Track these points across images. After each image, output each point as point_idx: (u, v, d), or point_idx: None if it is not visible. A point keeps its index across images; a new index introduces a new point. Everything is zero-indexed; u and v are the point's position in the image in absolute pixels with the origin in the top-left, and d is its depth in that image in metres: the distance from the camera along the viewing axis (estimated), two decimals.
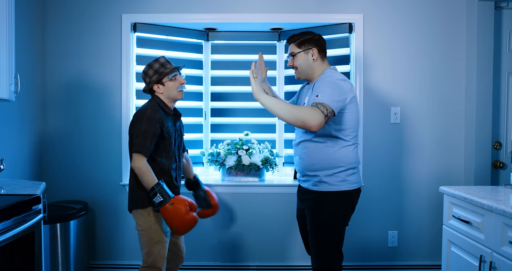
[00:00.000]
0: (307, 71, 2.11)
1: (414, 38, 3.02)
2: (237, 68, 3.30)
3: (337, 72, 2.08)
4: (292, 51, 2.12)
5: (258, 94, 1.92)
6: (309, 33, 2.12)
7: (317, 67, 2.10)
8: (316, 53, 2.08)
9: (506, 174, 2.89)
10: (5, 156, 2.45)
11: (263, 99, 1.92)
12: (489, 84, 2.88)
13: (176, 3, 3.02)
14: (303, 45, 2.09)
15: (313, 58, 2.08)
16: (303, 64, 2.10)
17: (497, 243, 1.70)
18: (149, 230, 2.11)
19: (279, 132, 3.31)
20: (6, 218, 1.66)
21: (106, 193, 3.03)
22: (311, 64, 2.09)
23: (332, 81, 1.96)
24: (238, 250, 3.09)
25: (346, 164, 1.99)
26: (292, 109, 1.86)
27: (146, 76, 2.20)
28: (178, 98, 2.21)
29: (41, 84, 3.01)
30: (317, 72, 2.10)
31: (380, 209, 3.05)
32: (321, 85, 1.95)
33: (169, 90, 2.18)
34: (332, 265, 2.01)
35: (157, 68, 2.18)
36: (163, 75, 2.16)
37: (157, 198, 2.00)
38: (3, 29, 2.03)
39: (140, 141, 2.03)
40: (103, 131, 3.03)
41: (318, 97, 1.88)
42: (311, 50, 2.08)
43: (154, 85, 2.18)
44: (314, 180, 2.02)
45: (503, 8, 2.89)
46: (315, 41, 2.10)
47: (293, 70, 2.18)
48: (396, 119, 3.03)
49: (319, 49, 2.10)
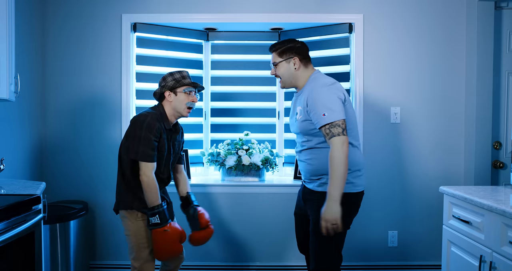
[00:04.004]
0: (290, 80, 2.09)
1: (414, 38, 3.02)
2: (237, 68, 3.30)
3: (323, 75, 2.06)
4: (274, 60, 2.09)
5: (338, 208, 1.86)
6: (290, 41, 2.09)
7: (300, 75, 2.07)
8: (298, 62, 2.05)
9: (506, 174, 2.89)
10: (5, 156, 2.45)
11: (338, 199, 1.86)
12: (489, 84, 2.88)
13: (176, 3, 3.02)
14: (285, 54, 2.06)
15: (295, 67, 2.05)
16: (285, 73, 2.07)
17: (497, 243, 1.70)
18: (137, 235, 2.07)
19: (279, 133, 3.31)
20: (6, 218, 1.66)
21: (106, 193, 3.03)
22: (293, 73, 2.06)
23: (322, 89, 1.94)
24: (238, 250, 3.09)
25: (351, 166, 1.98)
26: (339, 169, 1.84)
27: (163, 81, 2.15)
28: (183, 114, 2.14)
29: (41, 84, 3.01)
30: (302, 80, 2.08)
31: (380, 209, 3.05)
32: (315, 99, 1.93)
33: (178, 102, 2.11)
34: (331, 265, 2.01)
35: (178, 77, 2.13)
36: (180, 84, 2.11)
37: (154, 219, 1.97)
38: (3, 29, 2.03)
39: (143, 149, 1.99)
40: (102, 131, 3.03)
41: (325, 117, 1.88)
42: (292, 59, 2.05)
43: (166, 91, 2.12)
44: (320, 182, 2.02)
45: (503, 8, 2.89)
46: (297, 50, 2.06)
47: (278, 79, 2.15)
48: (396, 119, 3.03)
49: (301, 58, 2.06)
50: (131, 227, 2.08)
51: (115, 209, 2.15)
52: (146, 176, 1.99)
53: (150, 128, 2.00)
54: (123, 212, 2.10)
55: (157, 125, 2.03)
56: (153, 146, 2.02)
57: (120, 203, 2.10)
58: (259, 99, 3.31)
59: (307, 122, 1.98)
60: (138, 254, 2.07)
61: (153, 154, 2.02)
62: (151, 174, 2.00)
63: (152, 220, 1.97)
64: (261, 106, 3.32)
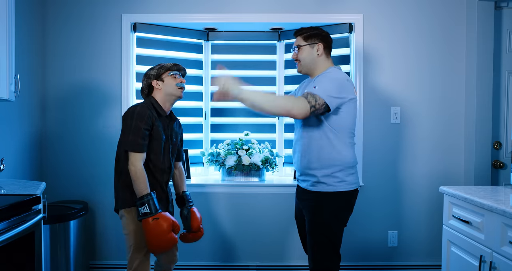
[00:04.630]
0: (310, 65, 2.10)
1: (414, 38, 3.02)
2: (237, 68, 3.30)
3: (342, 72, 2.07)
4: (298, 43, 2.11)
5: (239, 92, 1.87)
6: (317, 29, 2.12)
7: (320, 63, 2.09)
8: (321, 48, 2.08)
9: (506, 174, 2.89)
10: (5, 156, 2.45)
11: (245, 95, 1.88)
12: (489, 84, 2.88)
13: (176, 3, 3.03)
14: (310, 39, 2.09)
15: (317, 53, 2.08)
16: (307, 57, 2.09)
17: (497, 243, 1.70)
18: (135, 234, 2.04)
19: (279, 133, 3.31)
20: (6, 218, 1.65)
21: (106, 193, 3.03)
22: (314, 59, 2.09)
23: (335, 78, 1.97)
24: (238, 250, 3.09)
25: (344, 163, 1.98)
26: (275, 100, 1.90)
27: (145, 76, 2.15)
28: (177, 95, 2.13)
29: (41, 84, 3.01)
30: (320, 68, 2.09)
31: (380, 209, 3.05)
32: (322, 79, 1.96)
33: (167, 86, 2.11)
34: (329, 265, 2.01)
35: (158, 67, 2.15)
36: (164, 69, 2.12)
37: (143, 208, 1.93)
38: (3, 29, 2.03)
39: (132, 138, 1.97)
40: (103, 131, 3.03)
41: (314, 89, 1.90)
42: (317, 45, 2.08)
43: (153, 81, 2.12)
44: (312, 180, 2.02)
45: (503, 8, 2.89)
46: (323, 37, 2.10)
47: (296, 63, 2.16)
48: (396, 119, 3.03)
49: (325, 46, 2.10)
50: (129, 226, 2.06)
51: (115, 209, 2.14)
52: (134, 166, 1.97)
53: (141, 117, 1.99)
54: (122, 211, 2.08)
55: (148, 113, 2.01)
56: (144, 134, 1.99)
57: (118, 202, 2.09)
58: None
59: None
60: (134, 254, 2.05)
61: (142, 143, 1.99)
62: (139, 164, 1.98)
63: (142, 210, 1.93)
64: None
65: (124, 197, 2.06)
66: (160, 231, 1.92)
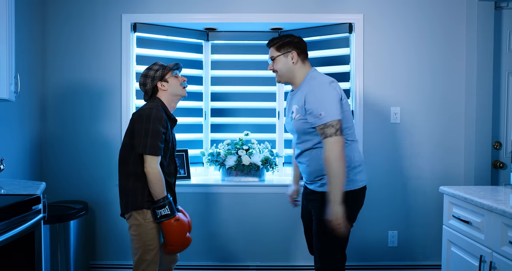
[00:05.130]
0: (288, 74, 2.08)
1: (414, 38, 3.02)
2: (237, 68, 3.30)
3: (321, 74, 2.05)
4: (272, 55, 2.09)
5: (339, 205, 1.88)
6: (288, 36, 2.08)
7: (297, 70, 2.07)
8: (296, 56, 2.05)
9: (506, 174, 2.89)
10: (5, 156, 2.45)
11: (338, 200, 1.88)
12: (489, 84, 2.88)
13: (176, 3, 3.03)
14: (283, 48, 2.05)
15: (292, 61, 2.05)
16: (283, 67, 2.06)
17: (497, 243, 1.70)
18: (145, 237, 2.01)
19: (279, 133, 3.31)
20: (6, 218, 1.66)
21: (106, 193, 3.03)
22: (290, 68, 2.06)
23: (322, 88, 1.94)
24: (238, 250, 3.09)
25: (350, 163, 1.98)
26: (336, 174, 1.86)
27: (147, 78, 2.12)
28: (182, 94, 2.15)
29: (41, 84, 3.01)
30: (299, 76, 2.07)
31: (380, 209, 3.05)
32: (314, 97, 1.93)
33: (173, 87, 2.11)
34: (336, 265, 2.01)
35: (158, 67, 2.13)
36: (167, 70, 2.11)
37: (163, 210, 1.95)
38: (3, 29, 2.03)
39: (151, 142, 1.95)
40: (103, 131, 3.03)
41: (322, 116, 1.88)
42: (290, 53, 2.04)
43: (158, 82, 2.10)
44: (321, 182, 2.01)
45: (503, 8, 2.89)
46: (295, 44, 2.06)
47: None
48: (396, 119, 3.03)
49: (299, 52, 2.06)
50: (139, 228, 2.01)
51: (122, 214, 2.08)
52: (152, 168, 1.96)
53: (159, 120, 1.98)
54: (133, 213, 2.03)
55: (164, 116, 2.02)
56: (162, 138, 2.00)
57: (128, 205, 2.03)
58: (259, 99, 3.31)
59: (304, 121, 1.97)
60: (143, 256, 2.02)
61: (160, 146, 1.99)
62: (156, 166, 1.98)
63: (161, 212, 1.96)
64: (261, 106, 3.32)
65: (134, 199, 2.02)
66: (182, 232, 2.01)
